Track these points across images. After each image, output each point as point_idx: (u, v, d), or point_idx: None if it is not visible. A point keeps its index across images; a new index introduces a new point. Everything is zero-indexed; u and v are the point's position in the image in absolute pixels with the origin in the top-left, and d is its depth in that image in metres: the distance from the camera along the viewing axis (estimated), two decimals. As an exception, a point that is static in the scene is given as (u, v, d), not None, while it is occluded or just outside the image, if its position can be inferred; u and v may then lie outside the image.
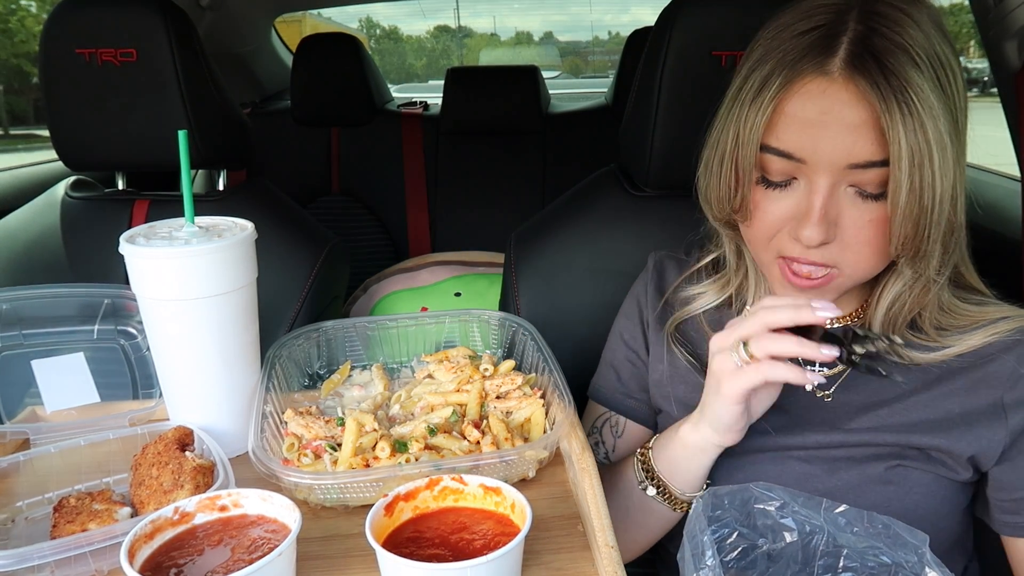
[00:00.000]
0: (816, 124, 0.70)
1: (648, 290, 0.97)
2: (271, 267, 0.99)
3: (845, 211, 0.73)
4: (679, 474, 0.82)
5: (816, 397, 0.84)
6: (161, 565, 0.58)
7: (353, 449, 0.75)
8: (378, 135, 2.56)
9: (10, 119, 3.48)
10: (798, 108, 0.71)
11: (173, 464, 0.70)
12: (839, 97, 0.69)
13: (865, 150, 0.69)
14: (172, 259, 0.75)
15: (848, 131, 0.69)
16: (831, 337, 0.71)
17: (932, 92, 0.67)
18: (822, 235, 0.72)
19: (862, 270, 0.76)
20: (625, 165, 1.24)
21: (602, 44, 6.15)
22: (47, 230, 1.39)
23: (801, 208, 0.74)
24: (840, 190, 0.72)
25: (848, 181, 0.72)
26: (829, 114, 0.70)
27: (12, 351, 0.96)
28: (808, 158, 0.71)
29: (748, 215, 0.78)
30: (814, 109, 0.70)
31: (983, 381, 0.79)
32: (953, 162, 0.69)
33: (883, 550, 0.65)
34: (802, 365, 0.73)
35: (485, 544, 0.60)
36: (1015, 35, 1.18)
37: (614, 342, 1.00)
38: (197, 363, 0.79)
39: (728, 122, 0.76)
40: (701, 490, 0.83)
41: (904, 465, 0.79)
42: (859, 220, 0.72)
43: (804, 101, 0.71)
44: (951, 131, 0.69)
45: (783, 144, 0.72)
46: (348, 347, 0.97)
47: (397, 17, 6.90)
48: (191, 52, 1.30)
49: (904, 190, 0.68)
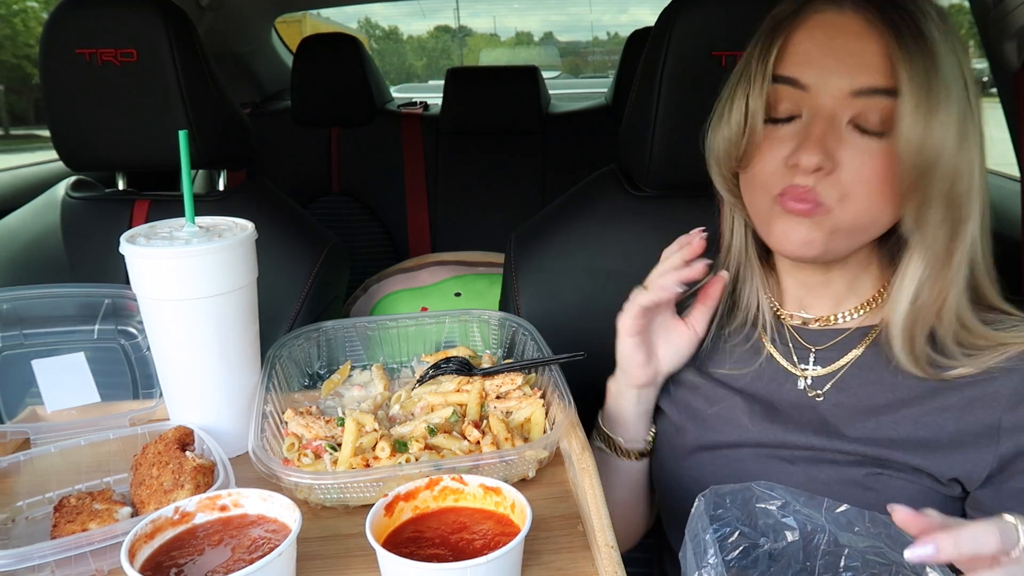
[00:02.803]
0: (822, 49, 0.73)
1: None
2: (271, 267, 0.99)
3: (846, 143, 0.73)
4: (614, 423, 0.91)
5: (808, 396, 0.83)
6: (161, 565, 0.58)
7: (353, 449, 0.75)
8: (378, 135, 2.56)
9: (10, 119, 3.48)
10: (806, 37, 0.74)
11: (173, 464, 0.70)
12: (848, 28, 0.72)
13: (870, 77, 0.71)
14: (172, 259, 0.75)
15: (854, 58, 0.71)
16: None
17: (944, 45, 0.69)
18: (817, 158, 0.72)
19: (854, 211, 0.74)
20: (625, 165, 1.24)
21: (602, 44, 6.15)
22: (47, 230, 1.39)
23: (801, 138, 0.74)
24: (843, 124, 0.73)
25: (851, 112, 0.72)
26: (836, 40, 0.72)
27: (12, 351, 0.96)
28: (812, 83, 0.73)
29: (751, 159, 0.79)
30: (822, 36, 0.73)
31: (980, 401, 0.75)
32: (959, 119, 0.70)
33: (884, 549, 0.65)
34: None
35: (485, 544, 0.60)
36: (1015, 35, 1.18)
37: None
38: (197, 363, 0.79)
39: (743, 64, 0.79)
40: (643, 439, 0.91)
41: (885, 474, 0.77)
42: (859, 156, 0.72)
43: (813, 31, 0.74)
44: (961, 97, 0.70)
45: (789, 71, 0.75)
46: (348, 347, 0.97)
47: (397, 17, 6.89)
48: (191, 52, 1.30)
49: (906, 123, 0.69)
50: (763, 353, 0.87)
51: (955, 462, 0.75)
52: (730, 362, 0.88)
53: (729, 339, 0.89)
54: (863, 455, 0.78)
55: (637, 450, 0.92)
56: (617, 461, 0.92)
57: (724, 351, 0.89)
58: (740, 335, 0.89)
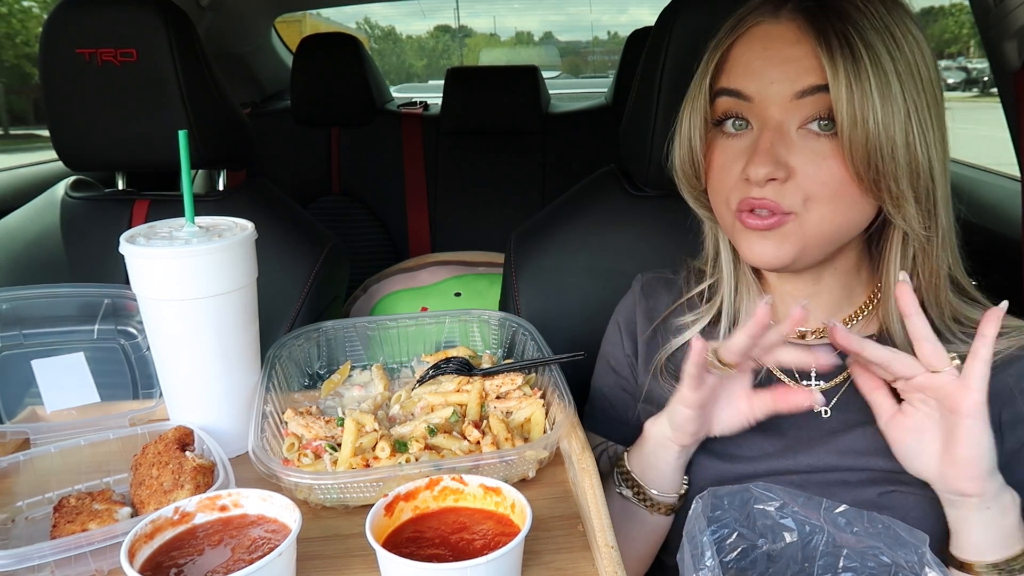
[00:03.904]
0: (761, 58, 0.75)
1: (637, 316, 0.95)
2: (271, 267, 0.99)
3: (797, 149, 0.73)
4: (647, 470, 0.82)
5: (812, 413, 0.82)
6: (161, 565, 0.58)
7: (352, 449, 0.75)
8: (378, 135, 2.56)
9: (10, 119, 3.48)
10: (745, 49, 0.77)
11: (173, 464, 0.70)
12: (782, 36, 0.74)
13: (808, 77, 0.72)
14: (172, 259, 0.75)
15: (791, 62, 0.73)
16: None
17: (875, 37, 0.70)
18: (767, 168, 0.72)
19: (819, 213, 0.74)
20: (625, 165, 1.24)
21: (602, 44, 6.16)
22: (47, 230, 1.39)
23: (751, 149, 0.75)
24: (792, 130, 0.74)
25: (798, 118, 0.73)
26: (772, 50, 0.74)
27: (12, 351, 0.96)
28: (754, 93, 0.75)
29: (708, 175, 0.81)
30: (759, 48, 0.75)
31: None
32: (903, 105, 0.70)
33: (883, 550, 0.65)
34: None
35: (485, 544, 0.60)
36: (1015, 35, 1.18)
37: (602, 370, 0.98)
38: (197, 363, 0.79)
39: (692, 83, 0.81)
40: (676, 493, 0.82)
41: (899, 491, 0.77)
42: (813, 158, 0.73)
43: (751, 42, 0.76)
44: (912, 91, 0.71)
45: (731, 83, 0.77)
46: (348, 347, 0.97)
47: (396, 17, 6.89)
48: (191, 52, 1.30)
49: (843, 113, 0.70)
50: (763, 370, 0.84)
51: None
52: None
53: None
54: (874, 471, 0.78)
55: (669, 504, 0.82)
56: (644, 514, 0.83)
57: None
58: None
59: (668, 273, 0.98)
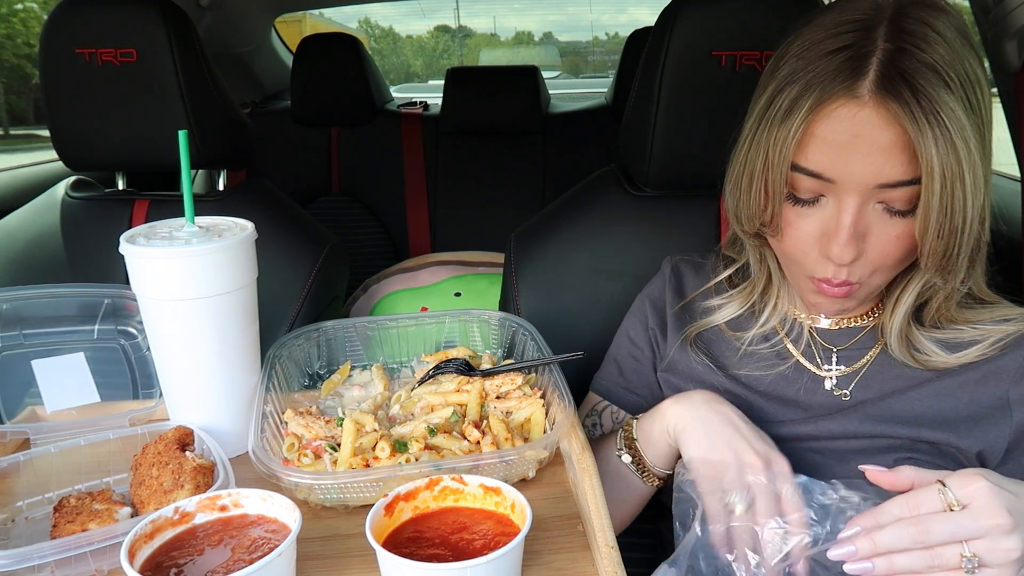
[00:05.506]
0: (847, 146, 0.70)
1: (666, 293, 0.98)
2: (271, 267, 0.99)
3: (873, 227, 0.73)
4: (651, 444, 0.83)
5: (835, 396, 0.85)
6: (161, 565, 0.58)
7: (352, 449, 0.75)
8: (378, 135, 2.56)
9: (10, 119, 3.48)
10: (828, 131, 0.71)
11: (173, 464, 0.70)
12: (870, 120, 0.69)
13: (895, 170, 0.69)
14: (172, 259, 0.75)
15: (879, 152, 0.69)
16: None
17: (963, 112, 0.67)
18: (852, 253, 0.73)
19: (882, 279, 0.78)
20: (625, 165, 1.24)
21: (601, 44, 6.15)
22: (47, 230, 1.39)
23: (830, 226, 0.74)
24: (869, 207, 0.73)
25: (877, 199, 0.72)
26: (860, 137, 0.70)
27: (12, 351, 0.96)
28: (838, 178, 0.72)
29: (779, 231, 0.79)
30: (845, 132, 0.70)
31: (992, 374, 0.80)
32: (983, 180, 0.69)
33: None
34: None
35: (485, 544, 0.60)
36: (1015, 35, 1.18)
37: (620, 339, 1.02)
38: (197, 363, 0.79)
39: (756, 142, 0.76)
40: (670, 470, 0.84)
41: (915, 459, 0.79)
42: (886, 235, 0.73)
43: (835, 124, 0.70)
44: (980, 149, 0.69)
45: (813, 165, 0.73)
46: (348, 347, 0.97)
47: (396, 17, 6.89)
48: (191, 52, 1.30)
49: (935, 211, 0.68)
50: (787, 356, 0.88)
51: (976, 436, 0.78)
52: (752, 365, 0.89)
53: (751, 343, 0.90)
54: (891, 436, 0.80)
55: (663, 477, 0.85)
56: (636, 481, 0.85)
57: (746, 354, 0.90)
58: (762, 339, 0.90)
59: (697, 257, 1.01)
